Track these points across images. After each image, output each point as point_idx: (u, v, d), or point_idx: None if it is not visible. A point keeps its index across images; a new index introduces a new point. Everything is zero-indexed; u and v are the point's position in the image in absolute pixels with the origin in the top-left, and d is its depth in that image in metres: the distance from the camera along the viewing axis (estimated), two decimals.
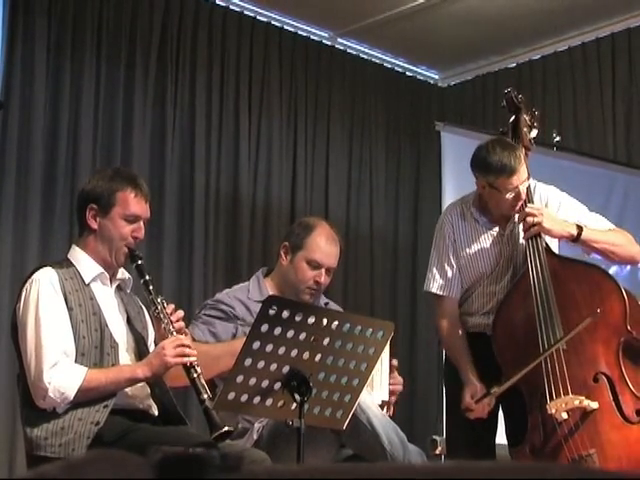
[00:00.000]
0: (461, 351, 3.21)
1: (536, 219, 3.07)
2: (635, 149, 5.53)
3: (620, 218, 4.91)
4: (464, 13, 5.59)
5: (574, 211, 3.26)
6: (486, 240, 3.26)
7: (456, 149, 5.28)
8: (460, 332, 3.25)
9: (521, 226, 3.16)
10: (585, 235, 3.11)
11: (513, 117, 3.35)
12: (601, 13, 5.55)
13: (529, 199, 3.17)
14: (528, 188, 3.17)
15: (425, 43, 6.02)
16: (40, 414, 2.54)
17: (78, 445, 2.49)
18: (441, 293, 3.29)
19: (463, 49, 6.04)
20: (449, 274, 3.28)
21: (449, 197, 5.18)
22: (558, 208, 3.26)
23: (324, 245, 3.11)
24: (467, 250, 3.27)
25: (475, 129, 5.50)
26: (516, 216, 3.19)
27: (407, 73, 6.48)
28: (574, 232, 3.10)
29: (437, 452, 4.66)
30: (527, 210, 3.11)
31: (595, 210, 3.42)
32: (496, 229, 3.27)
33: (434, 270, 3.31)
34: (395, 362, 2.94)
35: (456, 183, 5.23)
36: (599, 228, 3.22)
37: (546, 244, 3.14)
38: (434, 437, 4.77)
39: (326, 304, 3.22)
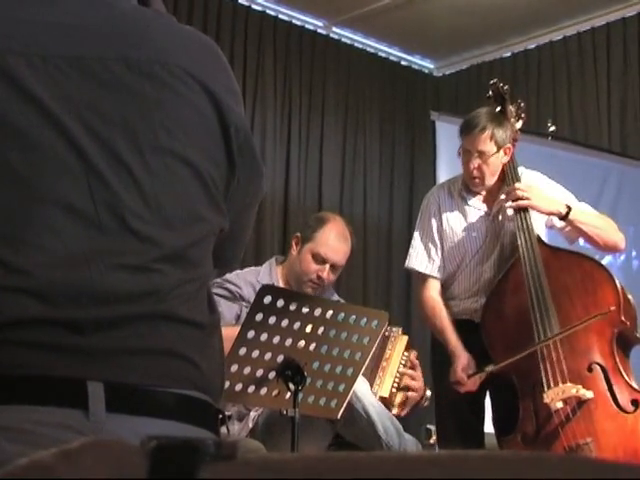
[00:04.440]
0: (447, 326, 3.20)
1: (525, 194, 3.07)
2: (630, 139, 5.53)
3: (614, 207, 4.91)
4: (459, 2, 5.58)
5: (561, 194, 3.26)
6: (472, 218, 3.26)
7: (451, 139, 5.24)
8: (445, 309, 3.25)
9: (509, 203, 3.14)
10: (573, 215, 3.10)
11: (499, 108, 3.36)
12: (597, 2, 5.55)
13: (513, 179, 3.17)
14: (509, 168, 3.17)
15: (420, 32, 6.01)
16: None
17: None
18: (424, 271, 3.29)
19: (458, 38, 6.03)
20: (432, 252, 3.28)
21: None
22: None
23: (332, 240, 3.11)
24: (453, 227, 3.27)
25: None
26: (503, 196, 3.19)
27: (402, 62, 6.47)
28: (563, 210, 3.10)
29: (432, 441, 4.66)
30: (515, 186, 3.10)
31: (589, 199, 3.43)
32: (483, 207, 3.26)
33: (417, 247, 3.32)
34: (414, 355, 2.94)
35: (451, 173, 5.20)
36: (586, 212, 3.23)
37: (537, 235, 3.13)
38: (428, 426, 4.77)
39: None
